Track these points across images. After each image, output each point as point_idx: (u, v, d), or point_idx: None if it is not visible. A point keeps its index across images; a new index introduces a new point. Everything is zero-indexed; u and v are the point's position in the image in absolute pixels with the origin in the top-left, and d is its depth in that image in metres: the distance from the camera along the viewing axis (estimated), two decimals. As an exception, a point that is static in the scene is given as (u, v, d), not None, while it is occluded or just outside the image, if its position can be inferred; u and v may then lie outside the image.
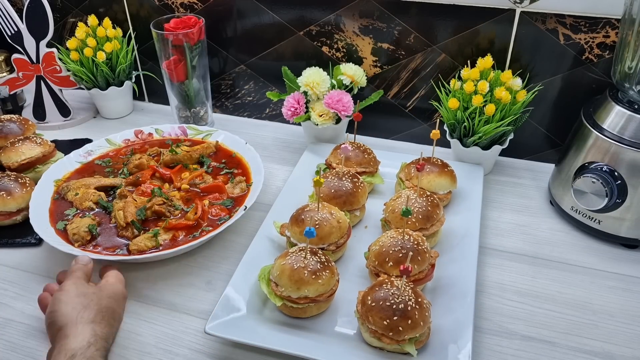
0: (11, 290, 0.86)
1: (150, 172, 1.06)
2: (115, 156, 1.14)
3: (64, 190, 1.01)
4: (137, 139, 1.19)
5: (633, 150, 0.85)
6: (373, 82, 1.19)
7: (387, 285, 0.73)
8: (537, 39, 1.03)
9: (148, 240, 0.89)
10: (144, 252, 0.87)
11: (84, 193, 1.00)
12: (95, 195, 1.00)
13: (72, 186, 1.01)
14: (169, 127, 1.21)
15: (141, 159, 1.09)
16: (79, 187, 1.01)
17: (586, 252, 0.92)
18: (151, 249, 0.88)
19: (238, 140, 1.14)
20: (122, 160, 1.12)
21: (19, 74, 1.28)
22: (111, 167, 1.10)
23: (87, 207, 0.98)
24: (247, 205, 0.95)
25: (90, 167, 1.10)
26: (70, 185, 1.02)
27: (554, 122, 1.11)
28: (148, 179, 1.05)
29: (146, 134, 1.20)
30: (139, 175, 1.05)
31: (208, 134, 1.19)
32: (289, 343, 0.73)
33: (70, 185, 1.02)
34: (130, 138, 1.18)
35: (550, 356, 0.74)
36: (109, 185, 1.04)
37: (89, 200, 0.99)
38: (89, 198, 0.99)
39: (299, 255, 0.77)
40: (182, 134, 1.20)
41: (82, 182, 1.03)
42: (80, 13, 1.35)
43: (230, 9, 1.21)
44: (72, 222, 0.93)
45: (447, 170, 0.99)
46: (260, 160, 1.06)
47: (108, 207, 0.98)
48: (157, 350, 0.76)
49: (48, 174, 1.04)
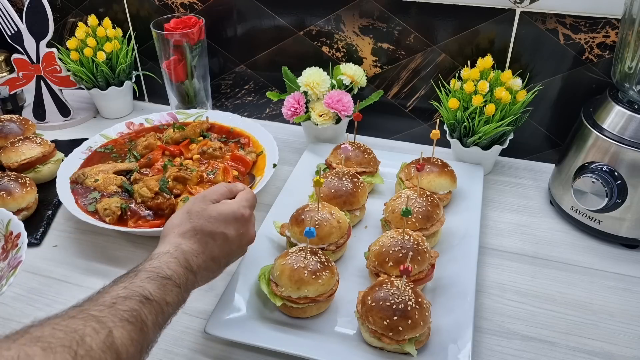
0: (11, 290, 0.86)
1: (160, 151, 1.09)
2: (116, 144, 1.16)
3: (80, 179, 1.02)
4: (130, 130, 1.20)
5: (633, 150, 0.85)
6: (373, 82, 1.19)
7: (387, 285, 0.73)
8: (537, 39, 1.03)
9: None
10: None
11: (105, 178, 1.01)
12: (117, 179, 1.02)
13: (88, 173, 1.03)
14: (159, 115, 1.23)
15: (148, 139, 1.11)
16: (96, 174, 1.03)
17: (586, 252, 0.92)
18: None
19: (233, 116, 1.21)
20: (125, 146, 1.15)
21: (19, 74, 1.28)
22: (116, 153, 1.12)
23: (112, 191, 1.00)
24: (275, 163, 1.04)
25: (96, 156, 1.11)
26: (86, 173, 1.03)
27: (554, 122, 1.11)
28: (160, 157, 1.08)
29: (137, 124, 1.22)
30: (150, 156, 1.08)
31: (199, 116, 1.21)
32: (289, 343, 0.73)
33: (87, 173, 1.03)
34: (123, 131, 1.20)
35: (550, 356, 0.74)
36: (125, 169, 1.06)
37: (112, 185, 1.01)
38: (112, 182, 1.01)
39: (299, 255, 0.77)
40: (172, 120, 1.23)
41: (98, 168, 1.05)
42: (80, 13, 1.35)
43: (230, 9, 1.21)
44: (101, 202, 0.95)
45: (447, 170, 0.99)
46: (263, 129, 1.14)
47: (131, 191, 0.99)
48: (157, 350, 0.75)
49: (63, 173, 1.04)
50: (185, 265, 0.64)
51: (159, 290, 0.58)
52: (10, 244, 0.83)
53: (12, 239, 0.83)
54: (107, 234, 0.97)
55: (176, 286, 0.61)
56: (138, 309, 0.54)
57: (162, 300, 0.58)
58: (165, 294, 0.59)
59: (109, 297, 0.54)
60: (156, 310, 0.57)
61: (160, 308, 0.57)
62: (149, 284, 0.58)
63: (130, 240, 0.95)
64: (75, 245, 0.95)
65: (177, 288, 0.61)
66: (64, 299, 0.84)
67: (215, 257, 0.69)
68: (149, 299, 0.56)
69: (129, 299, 0.54)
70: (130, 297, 0.55)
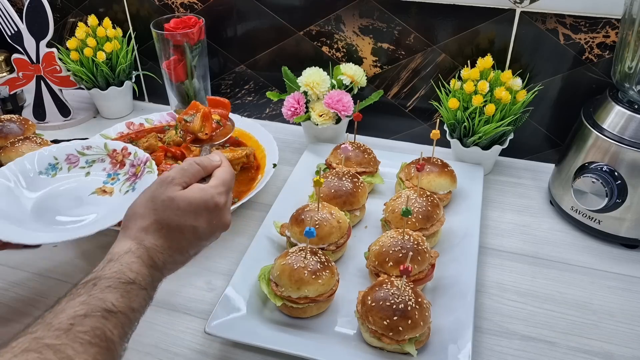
0: (11, 290, 0.86)
1: (162, 152, 1.09)
2: None
3: None
4: (130, 130, 1.20)
5: (633, 150, 0.85)
6: (373, 82, 1.19)
7: (387, 285, 0.73)
8: (537, 39, 1.03)
9: None
10: None
11: None
12: None
13: None
14: (158, 115, 1.23)
15: (148, 140, 1.11)
16: None
17: (586, 252, 0.92)
18: None
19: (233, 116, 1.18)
20: None
21: (19, 74, 1.28)
22: None
23: None
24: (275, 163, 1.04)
25: None
26: None
27: (554, 122, 1.11)
28: (162, 159, 1.07)
29: (137, 124, 1.21)
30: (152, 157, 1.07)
31: None
32: (289, 343, 0.73)
33: None
34: (123, 131, 1.20)
35: (550, 356, 0.74)
36: None
37: None
38: None
39: (299, 255, 0.77)
40: (172, 120, 1.23)
41: None
42: (80, 13, 1.35)
43: (230, 9, 1.21)
44: None
45: (447, 170, 0.99)
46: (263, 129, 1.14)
47: None
48: (157, 350, 0.76)
49: None
50: (149, 264, 0.57)
51: (122, 299, 0.52)
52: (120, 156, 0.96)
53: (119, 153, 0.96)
54: (108, 234, 0.96)
55: (142, 289, 0.55)
56: (101, 326, 0.48)
57: (128, 309, 0.52)
58: (131, 301, 0.52)
59: (65, 318, 0.47)
60: (122, 321, 0.51)
61: (127, 318, 0.51)
62: (110, 294, 0.51)
63: (130, 240, 0.95)
64: (75, 245, 0.95)
65: (143, 290, 0.55)
66: (64, 299, 0.84)
67: (183, 249, 0.62)
68: (113, 311, 0.50)
69: (89, 317, 0.48)
70: (91, 314, 0.48)
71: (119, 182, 0.93)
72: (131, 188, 0.91)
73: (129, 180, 0.92)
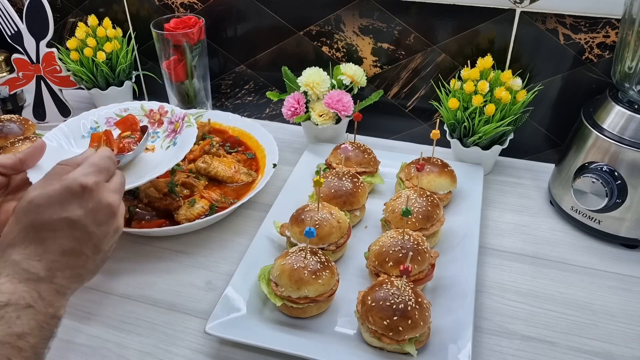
0: (11, 290, 0.86)
1: None
2: None
3: None
4: None
5: (633, 150, 0.85)
6: (373, 82, 1.19)
7: (387, 285, 0.73)
8: (537, 39, 1.03)
9: (188, 210, 0.93)
10: (194, 220, 0.92)
11: None
12: None
13: None
14: None
15: None
16: None
17: (586, 252, 0.92)
18: (197, 217, 0.93)
19: (233, 116, 1.21)
20: None
21: (19, 74, 1.28)
22: None
23: None
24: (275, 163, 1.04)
25: None
26: None
27: (554, 122, 1.11)
28: None
29: None
30: None
31: (199, 115, 1.21)
32: (289, 343, 0.73)
33: None
34: None
35: (550, 356, 0.74)
36: None
37: None
38: None
39: (299, 255, 0.77)
40: None
41: None
42: (80, 13, 1.35)
43: (230, 9, 1.21)
44: None
45: (447, 170, 0.99)
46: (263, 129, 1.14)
47: (134, 191, 0.99)
48: (157, 350, 0.76)
49: None
50: (25, 277, 0.49)
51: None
52: (157, 115, 0.99)
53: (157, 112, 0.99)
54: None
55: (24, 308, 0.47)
56: None
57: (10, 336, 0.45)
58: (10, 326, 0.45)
59: None
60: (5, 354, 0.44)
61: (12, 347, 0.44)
62: None
63: (132, 240, 0.95)
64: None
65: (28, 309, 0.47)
66: (64, 299, 0.84)
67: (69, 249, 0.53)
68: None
69: None
70: None
71: (160, 139, 0.96)
72: (172, 143, 0.94)
73: (169, 137, 0.96)
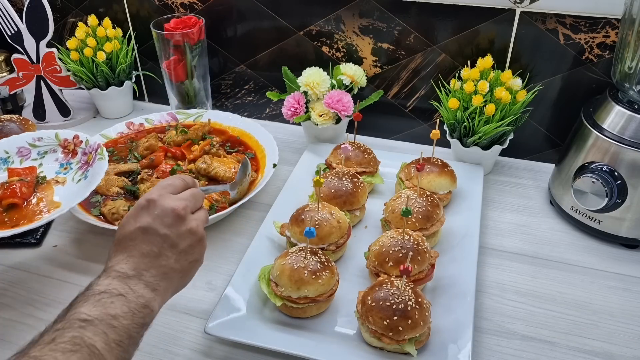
0: (11, 290, 0.86)
1: (162, 152, 1.09)
2: (116, 145, 1.16)
3: None
4: (130, 130, 1.20)
5: (633, 150, 0.85)
6: (373, 82, 1.19)
7: (387, 285, 0.73)
8: (537, 39, 1.03)
9: None
10: None
11: (106, 180, 1.01)
12: (119, 180, 1.02)
13: None
14: (159, 115, 1.24)
15: (149, 140, 1.11)
16: None
17: (586, 252, 0.92)
18: None
19: (233, 116, 1.21)
20: (126, 147, 1.15)
21: (19, 74, 1.28)
22: (117, 155, 1.12)
23: (114, 192, 1.00)
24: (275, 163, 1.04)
25: None
26: None
27: (554, 122, 1.11)
28: (163, 159, 1.08)
29: (137, 124, 1.22)
30: (152, 157, 1.08)
31: (199, 115, 1.21)
32: (289, 343, 0.73)
33: None
34: (123, 131, 1.20)
35: (550, 356, 0.74)
36: (126, 170, 1.06)
37: (114, 186, 1.01)
38: (113, 184, 1.01)
39: (299, 255, 0.77)
40: (172, 120, 1.23)
41: None
42: (80, 13, 1.35)
43: (230, 9, 1.21)
44: (105, 205, 0.95)
45: (447, 170, 0.99)
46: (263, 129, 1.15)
47: (135, 191, 0.99)
48: (157, 350, 0.76)
49: None
50: (118, 276, 0.59)
51: (95, 308, 0.54)
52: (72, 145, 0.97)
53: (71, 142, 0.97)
54: (108, 234, 0.97)
55: (116, 295, 0.56)
56: (79, 335, 0.51)
57: (105, 315, 0.54)
58: (106, 307, 0.54)
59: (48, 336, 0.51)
60: (102, 328, 0.53)
61: (107, 324, 0.53)
62: (82, 307, 0.54)
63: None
64: (75, 245, 0.95)
65: (119, 297, 0.56)
66: (63, 299, 0.84)
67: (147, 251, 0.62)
68: (88, 320, 0.52)
69: (67, 330, 0.51)
70: (68, 327, 0.52)
71: (72, 172, 0.94)
72: (83, 176, 0.92)
73: (82, 169, 0.93)
